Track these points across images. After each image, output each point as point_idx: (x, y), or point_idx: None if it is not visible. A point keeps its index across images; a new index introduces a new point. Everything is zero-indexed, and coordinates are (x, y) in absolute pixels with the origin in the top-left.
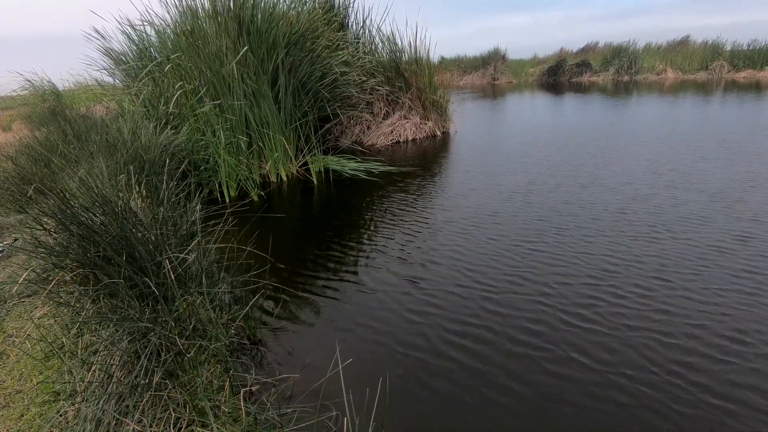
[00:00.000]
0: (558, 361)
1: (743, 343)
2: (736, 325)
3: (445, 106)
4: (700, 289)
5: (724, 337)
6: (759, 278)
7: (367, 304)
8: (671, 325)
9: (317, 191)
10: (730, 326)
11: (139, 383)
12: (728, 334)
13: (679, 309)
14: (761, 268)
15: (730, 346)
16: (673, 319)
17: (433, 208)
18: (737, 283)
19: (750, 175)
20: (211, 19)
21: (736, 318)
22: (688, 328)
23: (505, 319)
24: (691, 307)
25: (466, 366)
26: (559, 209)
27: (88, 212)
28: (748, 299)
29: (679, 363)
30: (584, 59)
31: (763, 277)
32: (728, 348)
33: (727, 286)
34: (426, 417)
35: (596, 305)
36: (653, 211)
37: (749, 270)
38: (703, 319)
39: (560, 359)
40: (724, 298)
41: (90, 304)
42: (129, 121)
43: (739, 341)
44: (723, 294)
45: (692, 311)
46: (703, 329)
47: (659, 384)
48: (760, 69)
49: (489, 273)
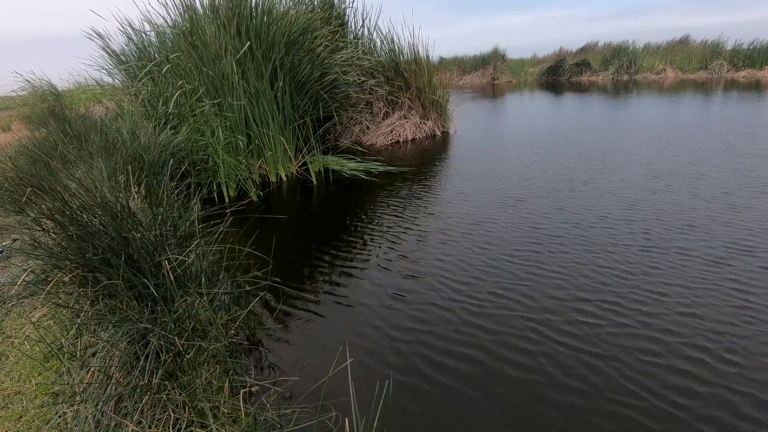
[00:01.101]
0: (555, 371)
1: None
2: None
3: (445, 106)
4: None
5: (720, 359)
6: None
7: (368, 304)
8: (673, 351)
9: (316, 191)
10: (728, 346)
11: (138, 384)
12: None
13: (682, 329)
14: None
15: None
16: (675, 343)
17: (432, 208)
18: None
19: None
20: (210, 17)
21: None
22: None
23: (506, 321)
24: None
25: (467, 367)
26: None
27: (87, 213)
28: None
29: (683, 391)
30: (584, 59)
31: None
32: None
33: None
34: (426, 418)
35: (595, 323)
36: (649, 218)
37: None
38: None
39: (557, 371)
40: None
41: (89, 306)
42: (128, 122)
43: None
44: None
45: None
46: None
47: (652, 410)
48: (759, 68)
49: (488, 273)
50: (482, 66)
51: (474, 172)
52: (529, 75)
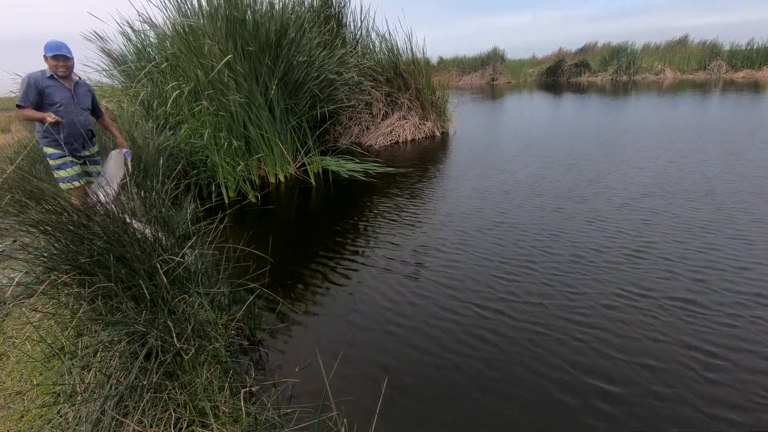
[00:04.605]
0: (558, 371)
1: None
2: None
3: (444, 107)
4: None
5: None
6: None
7: (367, 304)
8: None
9: (315, 192)
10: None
11: (139, 384)
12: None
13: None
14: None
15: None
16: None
17: (430, 208)
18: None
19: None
20: (202, 19)
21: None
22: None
23: (507, 321)
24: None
25: (468, 367)
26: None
27: (84, 214)
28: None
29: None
30: (583, 59)
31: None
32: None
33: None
34: (426, 418)
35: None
36: (644, 223)
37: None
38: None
39: (562, 368)
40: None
41: (87, 306)
42: (127, 122)
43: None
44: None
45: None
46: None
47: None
48: (758, 68)
49: (487, 272)
50: (482, 66)
51: (474, 172)
52: (528, 75)
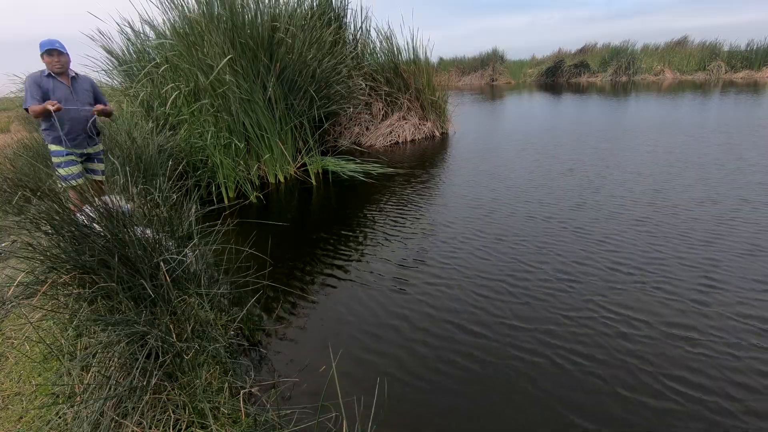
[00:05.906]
0: (559, 371)
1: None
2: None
3: (444, 107)
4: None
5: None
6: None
7: (367, 305)
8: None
9: (315, 193)
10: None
11: (138, 385)
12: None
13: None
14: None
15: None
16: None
17: (432, 210)
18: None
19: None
20: (200, 22)
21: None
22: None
23: (507, 320)
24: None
25: (466, 368)
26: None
27: (85, 214)
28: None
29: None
30: (582, 60)
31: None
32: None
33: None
34: (425, 418)
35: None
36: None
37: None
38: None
39: (564, 366)
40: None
41: (86, 306)
42: (127, 122)
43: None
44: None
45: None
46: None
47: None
48: (757, 69)
49: (486, 273)
50: (481, 67)
51: (474, 173)
52: (527, 76)
